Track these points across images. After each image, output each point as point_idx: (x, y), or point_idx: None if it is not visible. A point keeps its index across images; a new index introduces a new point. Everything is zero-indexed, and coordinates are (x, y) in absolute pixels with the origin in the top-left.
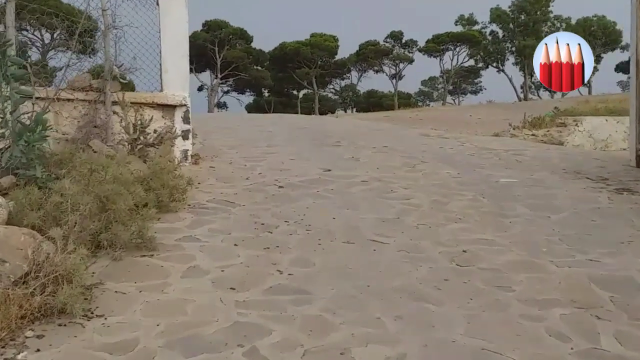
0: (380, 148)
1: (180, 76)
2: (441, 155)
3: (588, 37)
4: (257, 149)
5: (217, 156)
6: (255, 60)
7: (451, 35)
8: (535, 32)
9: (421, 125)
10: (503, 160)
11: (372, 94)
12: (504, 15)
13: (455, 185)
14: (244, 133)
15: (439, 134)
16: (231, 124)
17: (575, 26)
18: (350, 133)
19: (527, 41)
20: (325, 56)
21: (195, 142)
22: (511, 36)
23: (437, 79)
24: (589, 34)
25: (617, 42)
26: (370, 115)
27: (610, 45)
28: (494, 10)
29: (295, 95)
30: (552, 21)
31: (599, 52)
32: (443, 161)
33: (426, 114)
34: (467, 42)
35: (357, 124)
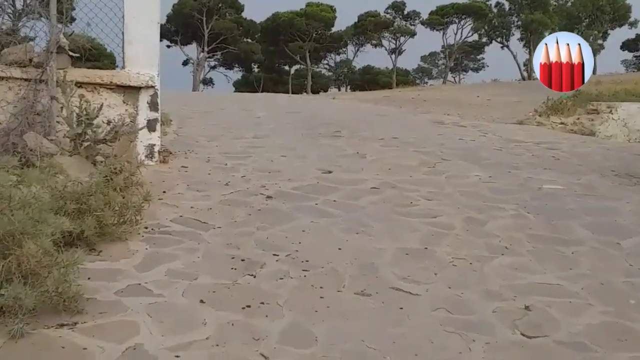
0: (388, 140)
1: (148, 49)
2: (463, 149)
3: (596, 11)
4: (241, 140)
5: (192, 151)
6: (245, 32)
7: (456, 7)
8: (543, 5)
9: (426, 108)
10: (537, 157)
11: (368, 70)
12: None
13: (490, 194)
14: (228, 118)
15: (453, 121)
16: (214, 106)
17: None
18: (351, 119)
19: (534, 15)
20: (320, 28)
21: (168, 131)
22: (518, 9)
23: (438, 55)
24: (597, 8)
25: (626, 18)
26: (368, 95)
27: (618, 21)
28: None
29: (286, 71)
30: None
31: (605, 29)
32: (467, 158)
33: (429, 94)
34: (473, 15)
35: (357, 108)
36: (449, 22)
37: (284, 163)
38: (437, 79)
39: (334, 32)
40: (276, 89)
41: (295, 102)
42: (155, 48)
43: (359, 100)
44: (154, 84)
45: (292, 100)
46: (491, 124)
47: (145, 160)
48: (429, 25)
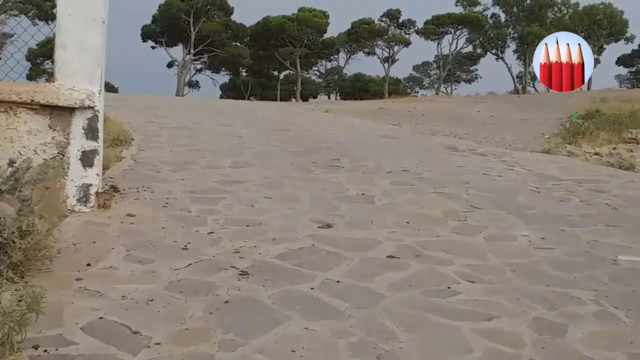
0: (398, 173)
1: (88, 57)
2: (494, 191)
3: (593, 25)
4: (216, 171)
5: (148, 188)
6: (234, 36)
7: (452, 17)
8: (540, 17)
9: (427, 124)
10: (587, 204)
11: (358, 78)
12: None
13: (551, 269)
14: (204, 137)
15: (468, 147)
16: (190, 119)
17: (581, 13)
18: (351, 142)
19: (531, 27)
20: (312, 34)
21: (125, 155)
22: (514, 21)
23: (431, 65)
24: (594, 22)
25: (622, 33)
26: (362, 105)
27: (614, 36)
28: None
29: (275, 77)
30: (559, 6)
31: (601, 43)
32: (503, 206)
33: (426, 106)
34: (469, 25)
35: (355, 126)
36: (444, 32)
37: (268, 210)
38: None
39: (326, 38)
40: (264, 94)
41: (284, 115)
42: (98, 55)
43: (353, 113)
44: (94, 103)
45: (281, 114)
46: (514, 152)
47: (78, 205)
48: (424, 35)
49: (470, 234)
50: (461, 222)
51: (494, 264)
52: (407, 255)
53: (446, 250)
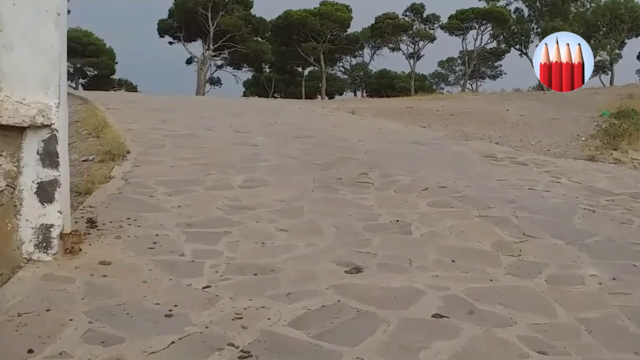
0: (436, 191)
1: (42, 59)
2: (546, 212)
3: (614, 20)
4: (223, 193)
5: (135, 220)
6: (254, 30)
7: (476, 12)
8: (564, 12)
9: (457, 125)
10: None
11: (384, 74)
12: None
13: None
14: (214, 147)
15: (507, 155)
16: (202, 124)
17: (603, 8)
18: (379, 150)
19: (554, 22)
20: (336, 29)
21: (114, 174)
22: (537, 16)
23: (456, 61)
24: (616, 17)
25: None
26: (389, 104)
27: (636, 31)
28: None
29: (299, 73)
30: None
31: (623, 38)
32: (560, 232)
33: (454, 105)
34: (493, 20)
35: (383, 130)
36: (468, 27)
37: (282, 249)
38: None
39: (349, 33)
40: (289, 90)
41: (306, 118)
42: (55, 56)
43: (380, 113)
44: (50, 120)
45: (303, 116)
46: (556, 160)
47: (36, 252)
48: (448, 30)
49: (529, 276)
50: (516, 258)
51: (564, 321)
52: (458, 312)
53: (504, 302)
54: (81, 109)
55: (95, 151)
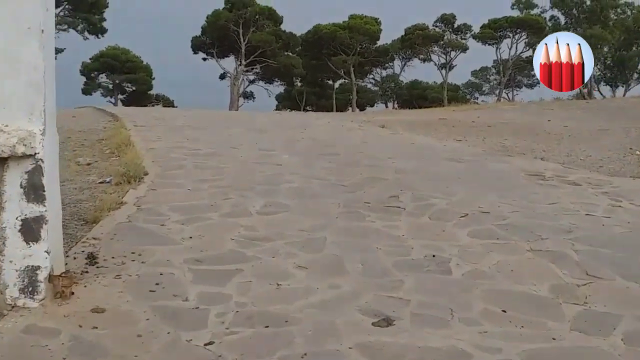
0: (477, 216)
1: (24, 80)
2: (610, 244)
3: None
4: (239, 221)
5: (140, 255)
6: (285, 45)
7: (510, 21)
8: (603, 19)
9: (496, 138)
10: None
11: (415, 85)
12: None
13: None
14: (236, 167)
15: (556, 173)
16: (226, 142)
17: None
18: (411, 168)
19: (593, 30)
20: (365, 42)
21: (127, 199)
22: (575, 23)
23: (490, 70)
24: None
25: None
26: (420, 115)
27: None
28: None
29: (330, 86)
30: (623, 7)
31: None
32: (630, 271)
33: (490, 116)
34: (528, 29)
35: (416, 144)
36: (502, 36)
37: (300, 292)
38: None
39: (379, 45)
40: (320, 103)
41: (334, 132)
42: (38, 78)
43: (412, 126)
44: (34, 149)
45: (331, 130)
46: (611, 178)
47: (21, 298)
48: (481, 39)
49: (601, 332)
50: (581, 308)
51: None
52: None
53: None
54: (109, 126)
55: (114, 172)
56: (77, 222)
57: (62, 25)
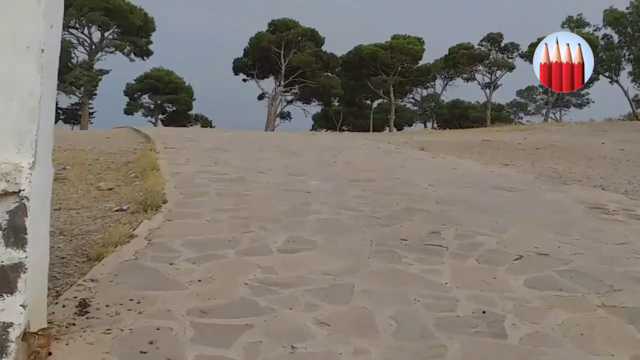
0: (533, 259)
1: (16, 106)
2: None
3: None
4: (255, 260)
5: (139, 302)
6: (325, 66)
7: None
8: None
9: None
10: None
11: (456, 105)
12: (622, 18)
13: None
14: (261, 194)
15: (620, 204)
16: (255, 166)
17: None
18: (454, 197)
19: None
20: (407, 61)
21: (139, 232)
22: (629, 42)
23: (536, 89)
24: None
25: None
26: (462, 135)
27: None
28: (609, 13)
29: (368, 105)
30: None
31: None
32: None
33: (538, 137)
34: None
35: (459, 171)
36: None
37: (318, 357)
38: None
39: (421, 65)
40: (357, 123)
41: (370, 155)
42: (33, 104)
43: (454, 147)
44: (19, 185)
45: (366, 153)
46: None
47: None
48: (528, 58)
49: None
50: None
51: None
52: None
53: None
54: (140, 148)
55: (134, 199)
56: (79, 259)
57: (109, 48)
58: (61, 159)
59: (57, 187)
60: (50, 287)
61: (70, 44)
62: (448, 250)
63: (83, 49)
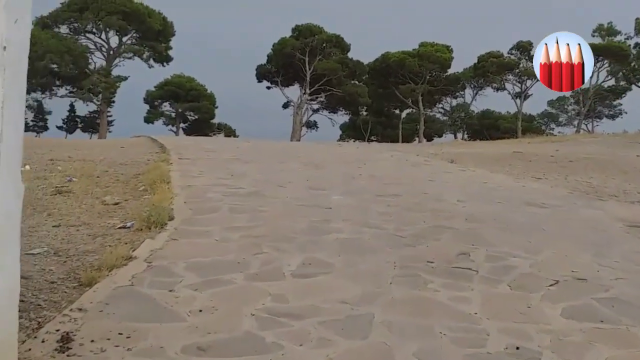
0: (571, 285)
1: None
2: None
3: None
4: (266, 287)
5: (129, 337)
6: (351, 74)
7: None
8: None
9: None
10: None
11: (486, 115)
12: None
13: None
14: (279, 210)
15: None
16: (274, 179)
17: None
18: (484, 214)
19: None
20: (435, 70)
21: (138, 253)
22: None
23: (568, 100)
24: None
25: None
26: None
27: None
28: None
29: (396, 115)
30: None
31: None
32: None
33: (570, 149)
34: (610, 56)
35: (489, 186)
36: None
37: None
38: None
39: (450, 73)
40: (385, 133)
41: (397, 168)
42: None
43: (484, 160)
44: None
45: (393, 166)
46: None
47: None
48: None
49: None
50: None
51: None
52: None
53: None
54: (153, 158)
55: (139, 215)
56: (70, 283)
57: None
58: (69, 170)
59: (61, 202)
60: (32, 318)
61: (87, 49)
62: (478, 274)
63: (100, 54)
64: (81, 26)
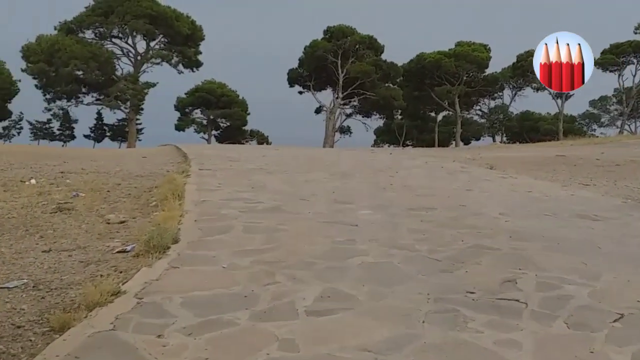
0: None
1: None
2: None
3: None
4: (273, 329)
5: None
6: (385, 76)
7: (634, 45)
8: None
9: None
10: None
11: (526, 116)
12: None
13: None
14: (297, 231)
15: None
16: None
17: None
18: (531, 230)
19: None
20: (472, 70)
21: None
22: None
23: (610, 100)
24: None
25: None
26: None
27: None
28: None
29: (432, 118)
30: None
31: None
32: None
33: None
34: None
35: (534, 195)
36: (625, 62)
37: None
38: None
39: (488, 74)
40: (421, 137)
41: (431, 177)
42: None
43: (525, 164)
44: None
45: (427, 174)
46: None
47: None
48: (601, 66)
49: None
50: None
51: None
52: None
53: None
54: (173, 169)
55: (143, 237)
56: (39, 329)
57: (156, 59)
58: (78, 183)
59: (59, 221)
60: None
61: (113, 54)
62: (527, 308)
63: (127, 60)
64: (107, 31)
